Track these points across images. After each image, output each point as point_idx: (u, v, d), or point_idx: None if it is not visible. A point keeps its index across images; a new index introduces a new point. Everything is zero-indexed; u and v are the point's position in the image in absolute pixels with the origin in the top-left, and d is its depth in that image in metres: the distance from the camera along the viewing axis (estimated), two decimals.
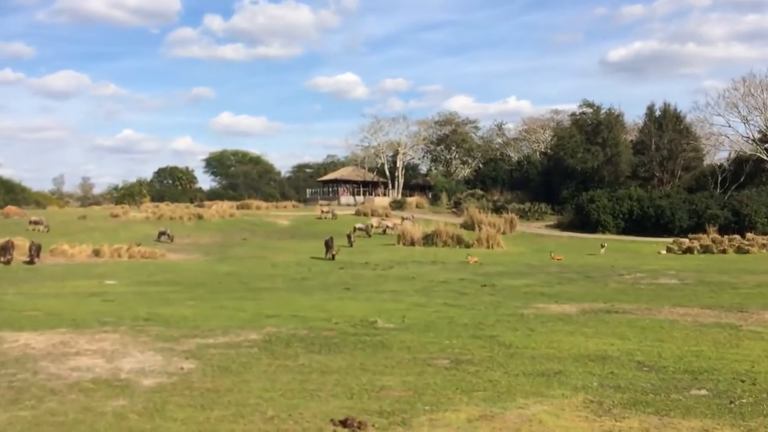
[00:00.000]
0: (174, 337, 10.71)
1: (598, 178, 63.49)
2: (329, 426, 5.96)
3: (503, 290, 19.39)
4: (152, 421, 6.06)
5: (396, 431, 5.85)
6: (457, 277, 23.59)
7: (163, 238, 39.66)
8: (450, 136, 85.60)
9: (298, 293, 18.69)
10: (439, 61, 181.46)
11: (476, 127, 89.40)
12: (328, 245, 31.58)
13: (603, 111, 66.53)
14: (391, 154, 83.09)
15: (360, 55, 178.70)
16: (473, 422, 6.08)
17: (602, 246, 39.05)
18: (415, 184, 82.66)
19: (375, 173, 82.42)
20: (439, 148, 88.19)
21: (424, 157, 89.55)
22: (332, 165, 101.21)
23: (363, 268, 27.77)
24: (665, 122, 64.18)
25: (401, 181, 79.85)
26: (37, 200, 71.91)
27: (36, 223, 40.96)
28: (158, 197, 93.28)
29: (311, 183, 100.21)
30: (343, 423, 5.91)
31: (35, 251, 26.50)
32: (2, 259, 25.28)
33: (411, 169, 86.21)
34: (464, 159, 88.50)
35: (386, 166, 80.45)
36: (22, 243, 28.92)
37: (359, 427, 5.82)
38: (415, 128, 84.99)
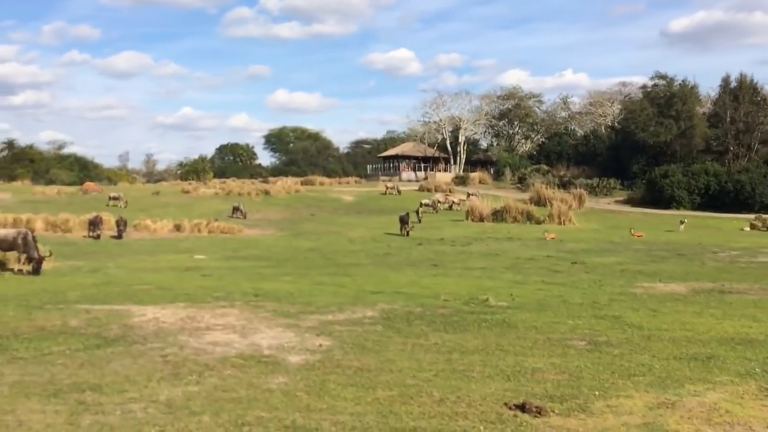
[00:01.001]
0: (291, 313, 10.71)
1: (670, 153, 61.53)
2: (505, 410, 5.78)
3: (596, 268, 18.92)
4: (323, 400, 5.98)
5: (579, 417, 5.63)
6: (543, 254, 23.16)
7: (236, 213, 40.12)
8: (513, 110, 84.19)
9: (386, 269, 18.61)
10: (494, 34, 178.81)
11: (540, 101, 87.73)
12: (404, 221, 31.40)
13: (676, 83, 64.29)
14: (451, 129, 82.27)
15: (414, 31, 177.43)
16: (655, 410, 5.82)
17: (681, 222, 37.85)
18: (477, 160, 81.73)
19: (435, 149, 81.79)
20: (500, 123, 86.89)
21: (485, 132, 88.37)
22: (391, 141, 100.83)
23: (441, 245, 27.56)
24: (741, 94, 61.68)
25: (463, 156, 79.05)
26: (109, 176, 73.77)
27: (115, 198, 41.97)
28: (220, 173, 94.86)
29: (369, 159, 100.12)
30: (521, 407, 5.73)
31: (123, 226, 27.11)
32: (92, 233, 25.94)
33: (471, 145, 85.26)
34: (527, 134, 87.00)
35: (448, 142, 79.70)
36: (107, 218, 29.67)
37: (539, 413, 5.62)
38: (477, 103, 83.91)
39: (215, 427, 5.15)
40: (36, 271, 14.95)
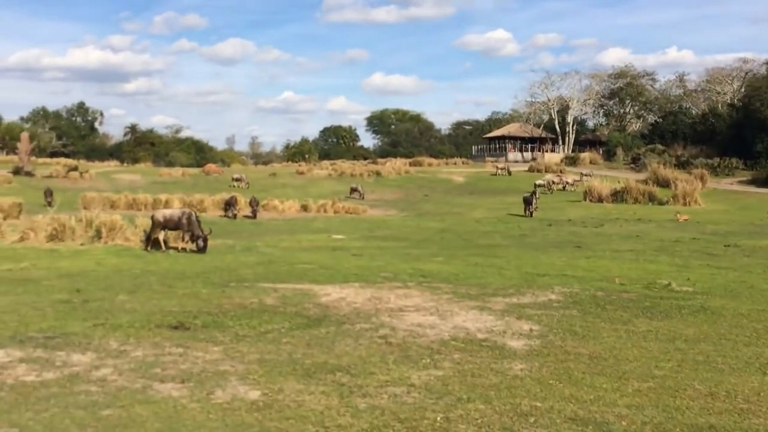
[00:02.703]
0: (472, 294, 10.50)
1: None
2: None
3: (756, 252, 17.86)
4: (582, 390, 5.70)
5: None
6: (687, 236, 22.11)
7: (354, 194, 40.56)
8: (624, 89, 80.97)
9: (531, 250, 18.16)
10: (594, 12, 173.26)
11: (653, 80, 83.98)
12: (528, 201, 30.77)
13: None
14: (558, 109, 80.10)
15: (511, 11, 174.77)
16: None
17: None
18: (585, 140, 79.29)
19: (542, 129, 79.92)
20: (611, 102, 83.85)
21: (595, 111, 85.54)
22: (496, 122, 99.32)
23: (572, 225, 26.82)
24: None
25: (572, 136, 76.87)
26: (222, 159, 76.39)
27: (238, 180, 43.31)
28: (323, 155, 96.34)
29: (471, 140, 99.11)
30: None
31: (256, 206, 27.84)
32: (229, 213, 26.78)
33: (578, 125, 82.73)
34: (639, 113, 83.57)
35: (556, 122, 77.66)
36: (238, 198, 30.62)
37: None
38: (587, 82, 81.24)
39: (495, 416, 4.97)
40: (202, 249, 15.45)
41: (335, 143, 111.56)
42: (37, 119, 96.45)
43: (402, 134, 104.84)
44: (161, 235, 15.98)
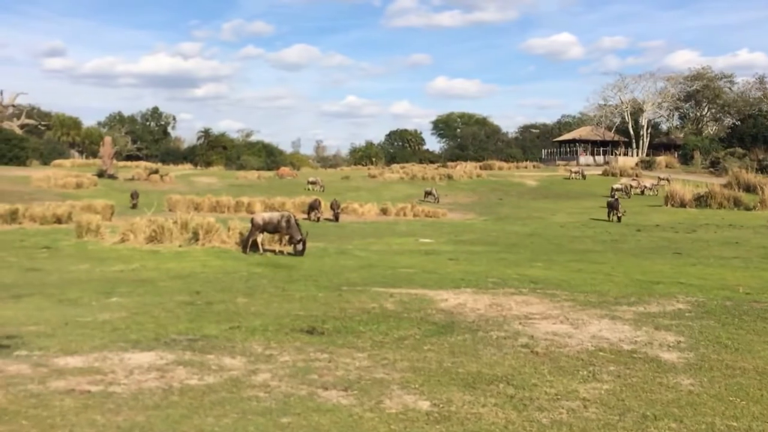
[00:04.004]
0: (593, 302, 10.13)
1: None
2: None
3: None
4: (762, 406, 5.33)
5: None
6: None
7: (429, 197, 40.34)
8: (701, 91, 78.32)
9: (629, 256, 17.55)
10: (661, 14, 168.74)
11: (731, 82, 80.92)
12: (613, 206, 29.90)
13: None
14: (630, 111, 78.08)
15: (576, 14, 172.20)
16: None
17: None
18: (659, 143, 77.05)
19: (613, 132, 78.06)
20: (686, 105, 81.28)
21: (670, 114, 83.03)
22: (566, 125, 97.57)
23: (662, 231, 25.90)
24: None
25: (646, 140, 74.78)
26: (292, 162, 77.26)
27: (313, 183, 43.66)
28: (389, 159, 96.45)
29: (538, 143, 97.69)
30: None
31: (338, 209, 27.93)
32: (312, 216, 26.93)
33: (651, 128, 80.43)
34: (716, 116, 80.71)
35: (630, 125, 75.71)
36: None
37: None
38: (662, 84, 78.92)
39: None
40: (301, 252, 15.49)
41: (401, 147, 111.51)
42: (114, 124, 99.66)
43: (469, 138, 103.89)
44: (259, 238, 16.10)
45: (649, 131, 76.02)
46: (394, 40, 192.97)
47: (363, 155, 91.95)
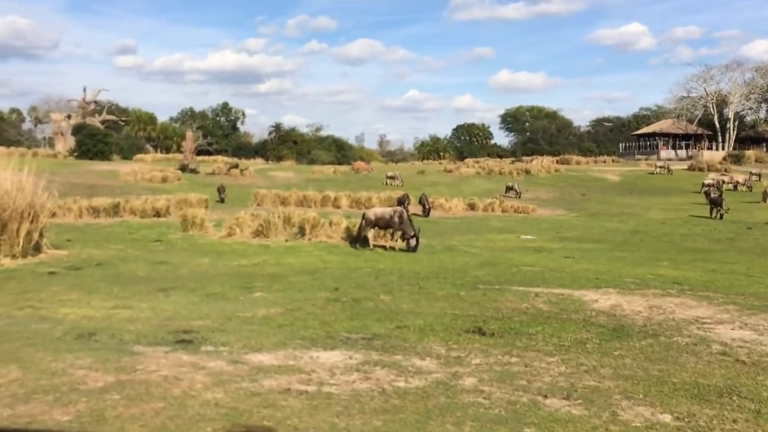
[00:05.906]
0: (758, 306, 9.37)
1: None
2: None
3: None
4: None
5: None
6: None
7: (510, 192, 39.59)
8: None
9: (755, 256, 16.74)
10: (736, 3, 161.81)
11: None
12: (716, 203, 28.62)
13: None
14: (715, 103, 75.10)
15: (645, 4, 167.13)
16: None
17: None
18: (746, 137, 73.95)
19: (696, 125, 75.20)
20: None
21: (758, 107, 79.47)
22: (643, 118, 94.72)
23: None
24: None
25: (732, 133, 71.80)
26: (361, 156, 77.38)
27: (392, 177, 43.43)
28: (457, 153, 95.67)
29: (611, 136, 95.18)
30: None
31: (427, 204, 27.60)
32: None
33: (737, 121, 77.24)
34: None
35: (715, 118, 72.82)
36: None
37: None
38: (750, 75, 75.60)
39: None
40: (414, 248, 15.19)
41: (467, 141, 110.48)
42: (185, 119, 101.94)
43: (539, 132, 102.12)
44: (370, 233, 15.86)
45: (735, 124, 72.97)
46: (457, 34, 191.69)
47: (431, 150, 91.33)
